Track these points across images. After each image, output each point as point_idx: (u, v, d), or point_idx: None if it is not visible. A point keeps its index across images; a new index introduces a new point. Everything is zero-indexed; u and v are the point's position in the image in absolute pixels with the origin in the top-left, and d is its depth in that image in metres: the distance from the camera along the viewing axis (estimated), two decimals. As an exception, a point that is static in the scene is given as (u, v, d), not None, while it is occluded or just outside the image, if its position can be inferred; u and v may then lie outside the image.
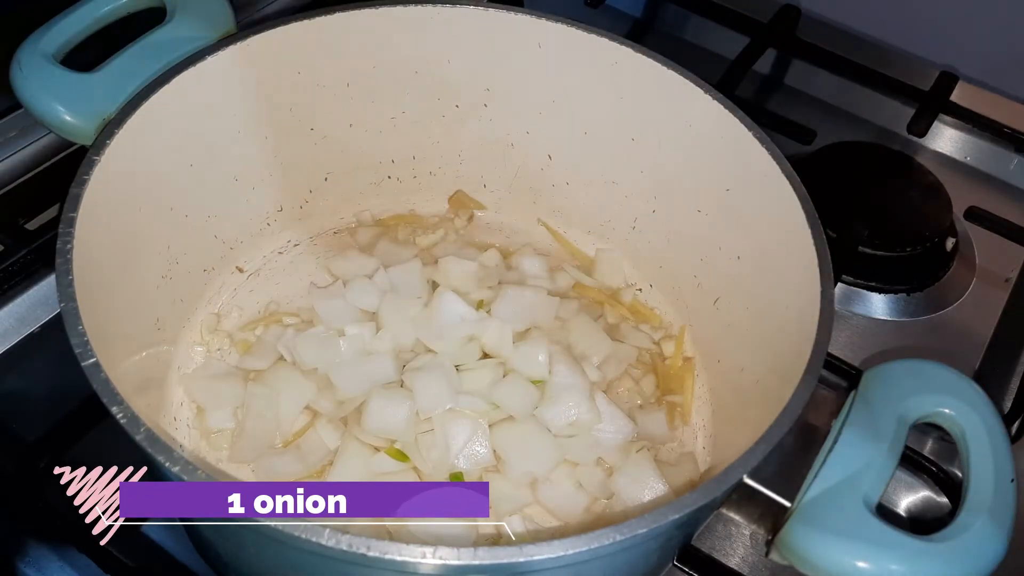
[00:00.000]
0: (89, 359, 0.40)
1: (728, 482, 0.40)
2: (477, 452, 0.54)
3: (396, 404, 0.54)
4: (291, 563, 0.41)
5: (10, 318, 0.60)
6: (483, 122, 0.65)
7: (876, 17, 0.87)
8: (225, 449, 0.55)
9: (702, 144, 0.57)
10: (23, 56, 0.52)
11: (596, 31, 0.58)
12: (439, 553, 0.35)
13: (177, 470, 0.37)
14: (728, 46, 0.85)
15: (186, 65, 0.53)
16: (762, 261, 0.55)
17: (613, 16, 0.95)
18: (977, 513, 0.41)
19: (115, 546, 0.50)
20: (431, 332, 0.58)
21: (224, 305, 0.62)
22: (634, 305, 0.65)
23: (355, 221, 0.69)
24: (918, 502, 0.61)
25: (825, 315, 0.46)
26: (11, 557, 0.51)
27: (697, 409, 0.60)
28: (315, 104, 0.61)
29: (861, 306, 0.71)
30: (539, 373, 0.57)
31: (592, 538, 0.36)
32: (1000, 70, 0.84)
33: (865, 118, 0.87)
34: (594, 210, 0.67)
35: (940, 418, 0.46)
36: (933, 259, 0.74)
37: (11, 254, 0.61)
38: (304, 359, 0.57)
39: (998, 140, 0.81)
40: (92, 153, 0.48)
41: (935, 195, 0.76)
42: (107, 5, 0.56)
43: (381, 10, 0.58)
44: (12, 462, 0.52)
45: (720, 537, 0.57)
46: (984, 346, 0.70)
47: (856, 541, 0.40)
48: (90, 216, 0.46)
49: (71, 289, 0.42)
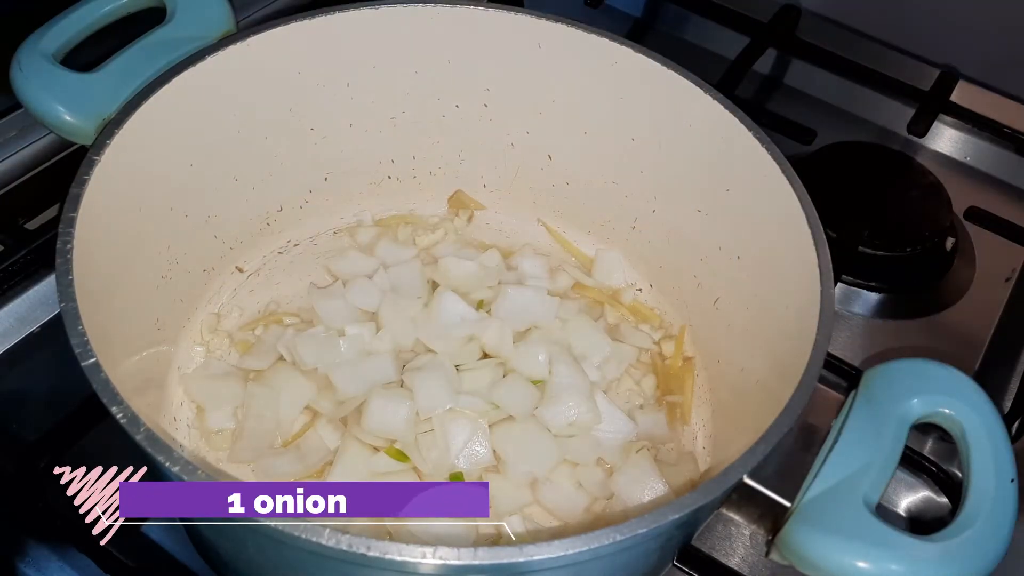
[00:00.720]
0: (89, 359, 0.40)
1: (728, 482, 0.40)
2: (477, 452, 0.54)
3: (396, 404, 0.54)
4: (291, 563, 0.41)
5: (10, 318, 0.60)
6: (483, 122, 0.65)
7: (876, 17, 0.87)
8: (225, 449, 0.55)
9: (702, 144, 0.57)
10: (23, 56, 0.52)
11: (596, 31, 0.58)
12: (439, 553, 0.35)
13: (177, 470, 0.37)
14: (728, 46, 0.85)
15: (186, 65, 0.53)
16: (762, 261, 0.55)
17: (613, 16, 0.95)
18: (977, 513, 0.41)
19: (115, 546, 0.49)
20: (431, 332, 0.58)
21: (224, 305, 0.62)
22: (634, 305, 0.65)
23: (355, 221, 0.69)
24: (918, 502, 0.61)
25: (825, 315, 0.46)
26: (11, 557, 0.51)
27: (697, 409, 0.60)
28: (315, 104, 0.61)
29: (861, 306, 0.71)
30: (539, 373, 0.57)
31: (592, 538, 0.36)
32: (1000, 70, 0.84)
33: (865, 118, 0.87)
34: (594, 210, 0.67)
35: (940, 418, 0.46)
36: (933, 259, 0.74)
37: (11, 254, 0.60)
38: (304, 359, 0.57)
39: (998, 140, 0.81)
40: (92, 153, 0.48)
41: (935, 195, 0.76)
42: (107, 5, 0.56)
43: (381, 10, 0.58)
44: (12, 462, 0.52)
45: (720, 537, 0.57)
46: (984, 346, 0.69)
47: (856, 541, 0.40)
48: (90, 216, 0.46)
49: (71, 289, 0.42)
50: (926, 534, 0.41)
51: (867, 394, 0.46)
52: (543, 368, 0.57)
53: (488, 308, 0.61)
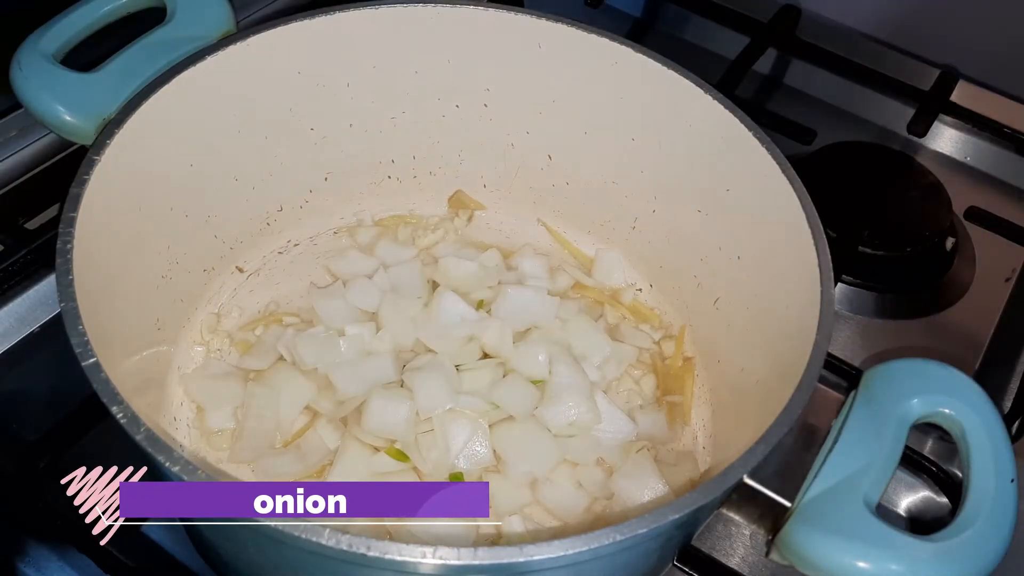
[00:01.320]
0: (89, 359, 0.40)
1: (728, 482, 0.40)
2: (477, 452, 0.54)
3: (396, 404, 0.54)
4: (291, 563, 0.41)
5: (10, 318, 0.60)
6: (483, 122, 0.65)
7: (876, 17, 0.87)
8: (225, 449, 0.55)
9: (702, 144, 0.57)
10: (23, 56, 0.52)
11: (596, 31, 0.58)
12: (439, 553, 0.35)
13: (177, 470, 0.37)
14: (728, 46, 0.85)
15: (186, 65, 0.53)
16: (762, 261, 0.55)
17: (613, 16, 0.95)
18: (977, 513, 0.41)
19: (115, 546, 0.50)
20: (431, 332, 0.58)
21: (224, 305, 0.62)
22: (634, 305, 0.65)
23: (355, 221, 0.69)
24: (918, 502, 0.61)
25: (825, 315, 0.46)
26: (11, 557, 0.51)
27: (697, 409, 0.60)
28: (315, 104, 0.61)
29: (861, 306, 0.71)
30: (539, 373, 0.57)
31: (592, 538, 0.36)
32: (1000, 70, 0.84)
33: (865, 118, 0.87)
34: (594, 210, 0.67)
35: (940, 418, 0.46)
36: (933, 259, 0.74)
37: (11, 254, 0.60)
38: (304, 359, 0.57)
39: (998, 140, 0.81)
40: (92, 153, 0.48)
41: (935, 195, 0.76)
42: (107, 5, 0.56)
43: (381, 10, 0.58)
44: (12, 462, 0.52)
45: (720, 537, 0.57)
46: (984, 346, 0.69)
47: (856, 541, 0.40)
48: (90, 216, 0.46)
49: (71, 289, 0.42)
50: (926, 534, 0.41)
51: (867, 394, 0.46)
52: (543, 368, 0.57)
53: (488, 308, 0.61)
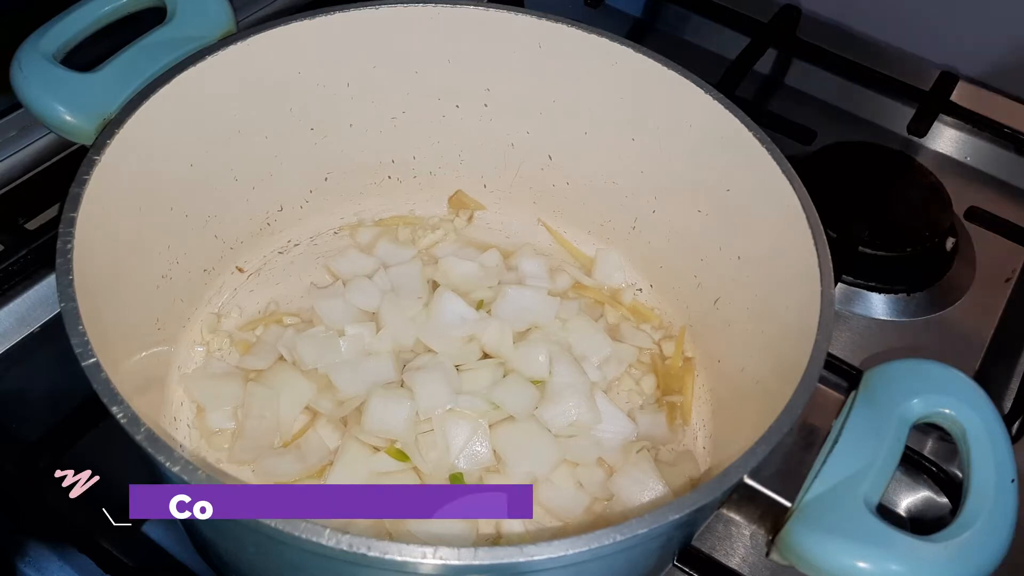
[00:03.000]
0: (89, 359, 0.40)
1: (728, 482, 0.40)
2: (477, 452, 0.54)
3: (396, 404, 0.54)
4: (291, 563, 0.41)
5: (10, 318, 0.60)
6: (483, 122, 0.65)
7: (876, 17, 0.87)
8: (225, 449, 0.55)
9: (702, 144, 0.57)
10: (23, 56, 0.52)
11: (596, 31, 0.58)
12: (439, 553, 0.35)
13: (177, 470, 0.37)
14: (728, 46, 0.85)
15: (186, 65, 0.53)
16: (762, 261, 0.55)
17: (613, 16, 0.95)
18: (977, 513, 0.41)
19: (115, 546, 0.50)
20: (431, 332, 0.58)
21: (224, 305, 0.62)
22: (634, 305, 0.65)
23: (355, 221, 0.69)
24: (918, 502, 0.61)
25: (825, 315, 0.46)
26: (11, 557, 0.51)
27: (697, 409, 0.60)
28: (315, 104, 0.61)
29: (861, 306, 0.71)
30: (539, 373, 0.57)
31: (592, 538, 0.36)
32: (1000, 70, 0.84)
33: (865, 118, 0.87)
34: (594, 210, 0.67)
35: (940, 418, 0.46)
36: (933, 259, 0.74)
37: (11, 254, 0.60)
38: (304, 359, 0.57)
39: (998, 140, 0.81)
40: (92, 153, 0.48)
41: (935, 195, 0.76)
42: (107, 5, 0.56)
43: (381, 10, 0.58)
44: (12, 462, 0.52)
45: (720, 537, 0.57)
46: (984, 346, 0.69)
47: (856, 541, 0.40)
48: (90, 216, 0.46)
49: (71, 289, 0.42)
50: (926, 534, 0.41)
51: (867, 394, 0.46)
52: (543, 368, 0.57)
53: (488, 308, 0.61)
